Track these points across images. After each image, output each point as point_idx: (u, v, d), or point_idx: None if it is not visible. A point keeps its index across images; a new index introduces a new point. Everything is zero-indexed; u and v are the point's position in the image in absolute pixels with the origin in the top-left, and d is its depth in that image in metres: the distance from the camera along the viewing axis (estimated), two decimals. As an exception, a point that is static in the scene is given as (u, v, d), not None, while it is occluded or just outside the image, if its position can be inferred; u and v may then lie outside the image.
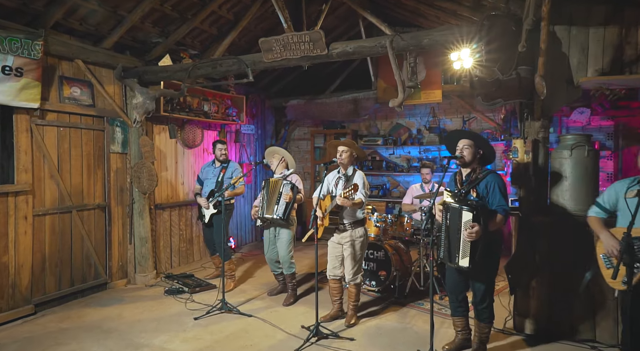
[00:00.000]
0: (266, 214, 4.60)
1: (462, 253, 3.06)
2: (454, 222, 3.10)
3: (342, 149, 3.98)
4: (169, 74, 5.19)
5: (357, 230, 3.95)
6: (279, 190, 4.53)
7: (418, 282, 4.86)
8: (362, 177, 3.94)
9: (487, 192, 3.18)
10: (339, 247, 4.02)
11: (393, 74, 7.80)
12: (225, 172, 5.40)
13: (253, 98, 8.10)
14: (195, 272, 5.83)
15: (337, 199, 3.60)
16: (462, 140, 3.29)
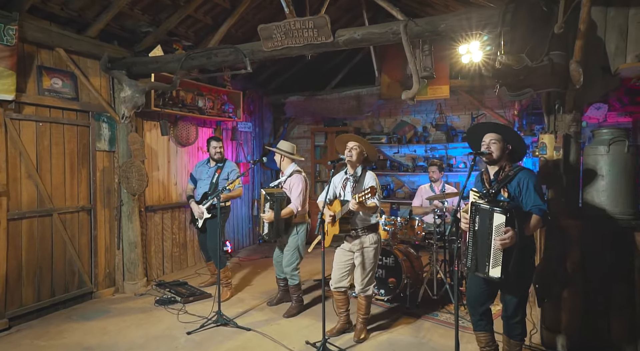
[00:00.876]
0: (260, 230, 4.28)
1: (493, 262, 2.68)
2: (483, 226, 2.71)
3: (352, 145, 3.59)
4: (160, 65, 4.78)
5: (370, 236, 3.57)
6: (264, 204, 4.16)
7: (431, 290, 4.48)
8: (374, 178, 3.56)
9: (520, 191, 2.80)
10: (349, 255, 3.63)
11: (398, 69, 7.56)
12: (220, 172, 5.00)
13: (250, 94, 7.70)
14: (189, 279, 5.43)
15: (350, 204, 3.21)
16: (488, 134, 2.91)
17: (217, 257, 4.79)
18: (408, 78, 7.21)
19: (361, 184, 3.55)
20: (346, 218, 3.49)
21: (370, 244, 3.56)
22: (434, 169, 5.23)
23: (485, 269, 2.72)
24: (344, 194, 3.64)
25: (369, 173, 3.61)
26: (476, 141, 3.01)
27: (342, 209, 3.43)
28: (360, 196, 3.12)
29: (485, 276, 2.74)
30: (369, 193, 3.07)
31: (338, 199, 3.57)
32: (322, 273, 3.34)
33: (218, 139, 5.09)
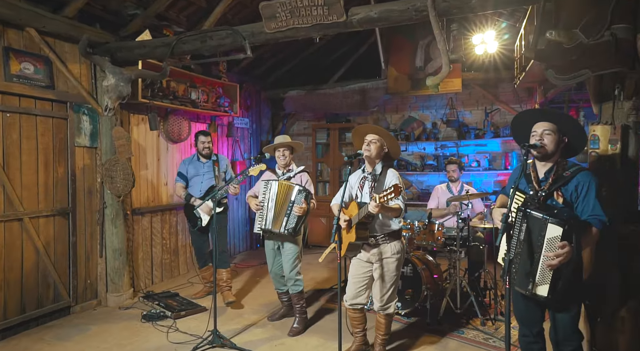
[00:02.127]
0: (273, 227, 3.72)
1: (539, 278, 2.21)
2: (532, 237, 2.24)
3: (371, 138, 3.09)
4: (148, 51, 4.25)
5: (392, 245, 3.06)
6: (291, 199, 3.67)
7: (453, 303, 3.98)
8: (398, 177, 3.06)
9: (578, 196, 2.31)
10: (368, 266, 3.12)
11: (405, 61, 7.06)
12: (218, 166, 4.61)
13: (247, 88, 7.18)
14: (180, 289, 4.89)
15: (369, 207, 2.70)
16: (540, 123, 2.41)
17: (221, 258, 4.46)
18: (417, 71, 6.73)
19: (381, 184, 3.04)
20: (364, 223, 2.98)
21: (392, 254, 3.06)
22: (454, 168, 4.74)
23: (529, 285, 2.25)
24: (361, 196, 3.13)
25: (391, 171, 3.10)
26: (523, 131, 2.52)
27: (359, 212, 2.92)
28: (381, 197, 2.61)
29: (528, 293, 2.26)
30: (392, 193, 2.56)
31: (355, 201, 3.06)
32: (338, 286, 2.83)
33: (207, 133, 4.66)
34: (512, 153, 6.48)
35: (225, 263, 4.49)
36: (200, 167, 4.59)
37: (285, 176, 3.87)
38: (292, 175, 3.87)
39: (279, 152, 3.86)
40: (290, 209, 3.65)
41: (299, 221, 3.68)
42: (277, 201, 3.70)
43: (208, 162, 4.61)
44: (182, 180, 4.61)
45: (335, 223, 2.76)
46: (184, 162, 4.72)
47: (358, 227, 2.96)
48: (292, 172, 3.88)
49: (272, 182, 3.76)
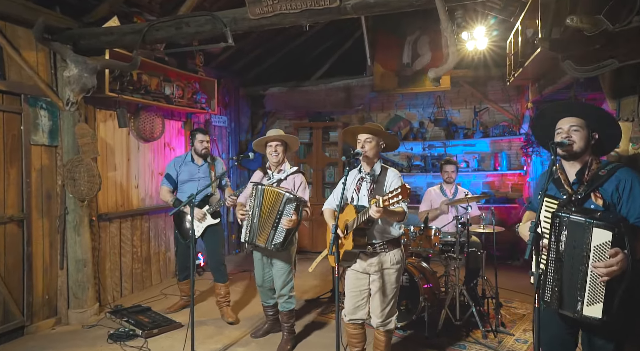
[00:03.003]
0: (257, 241, 3.31)
1: (589, 296, 1.90)
2: (574, 246, 1.93)
3: (365, 137, 2.77)
4: (116, 38, 3.81)
5: (392, 254, 2.74)
6: (279, 209, 3.20)
7: (452, 314, 3.70)
8: (400, 177, 2.74)
9: (620, 196, 2.01)
10: (364, 277, 2.79)
11: (392, 58, 6.76)
12: (215, 170, 4.14)
13: (226, 84, 6.76)
14: (153, 302, 4.45)
15: (371, 211, 2.36)
16: (566, 118, 2.12)
17: (219, 271, 4.01)
18: (404, 68, 6.48)
19: (381, 185, 2.72)
20: (362, 229, 2.64)
21: (392, 264, 2.73)
22: (452, 168, 4.46)
23: (577, 306, 1.94)
24: (358, 198, 2.80)
25: (392, 171, 2.78)
26: (546, 128, 2.23)
27: (357, 217, 2.58)
28: (385, 200, 2.28)
29: (577, 315, 1.94)
30: (398, 195, 2.23)
31: (351, 205, 2.72)
32: (336, 301, 2.48)
33: (205, 131, 4.17)
34: (502, 153, 6.29)
35: (223, 277, 4.02)
36: (195, 170, 4.08)
37: (276, 178, 3.44)
38: (283, 177, 3.45)
39: (271, 147, 3.43)
40: (277, 221, 3.21)
41: (288, 234, 3.24)
42: (263, 210, 3.27)
43: (204, 165, 4.11)
44: (170, 184, 4.08)
45: (333, 231, 2.41)
46: (174, 162, 4.16)
47: (355, 233, 2.63)
48: (284, 173, 3.45)
49: (259, 187, 3.31)
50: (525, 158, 6.16)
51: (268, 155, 3.47)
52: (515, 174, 6.32)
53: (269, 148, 3.44)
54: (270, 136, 3.46)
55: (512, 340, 3.55)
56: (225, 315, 3.97)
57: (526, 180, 6.16)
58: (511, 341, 3.54)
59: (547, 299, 2.04)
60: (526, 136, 6.05)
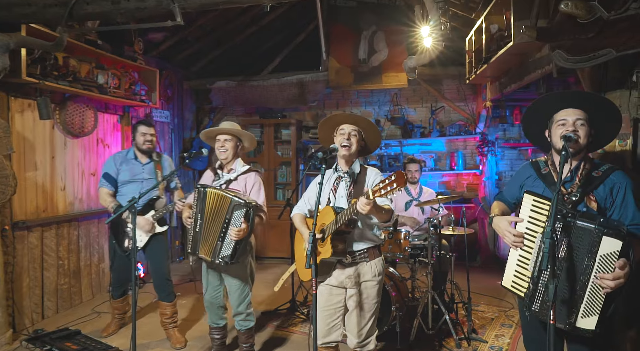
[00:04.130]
0: (201, 253, 2.85)
1: (586, 308, 1.72)
2: (577, 254, 1.74)
3: (349, 129, 2.42)
4: (35, 11, 3.17)
5: (373, 264, 2.42)
6: (225, 216, 2.73)
7: (425, 322, 3.46)
8: (381, 176, 2.43)
9: (614, 201, 1.87)
10: (340, 293, 2.45)
11: (348, 53, 6.48)
12: (161, 169, 3.55)
13: (168, 76, 6.16)
14: (84, 323, 3.83)
15: (359, 204, 2.00)
16: (570, 110, 1.92)
17: (165, 288, 3.46)
18: (360, 64, 6.24)
19: (362, 185, 2.39)
20: (342, 233, 2.30)
21: (372, 276, 2.41)
22: (416, 167, 4.24)
23: (571, 317, 1.74)
24: (335, 200, 2.45)
25: (372, 170, 2.47)
26: (539, 121, 2.03)
27: (337, 217, 2.22)
28: (377, 189, 1.95)
29: (569, 327, 1.76)
30: (394, 182, 1.90)
31: (329, 207, 2.36)
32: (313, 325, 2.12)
33: (150, 124, 3.56)
34: (458, 153, 6.24)
35: (169, 295, 3.47)
36: (139, 169, 3.48)
37: (225, 178, 2.97)
38: (233, 177, 2.98)
39: (219, 142, 2.97)
40: (224, 230, 2.73)
41: (238, 246, 2.75)
42: (206, 217, 2.80)
43: (148, 163, 3.52)
44: (110, 184, 3.43)
45: (311, 240, 2.04)
46: (113, 158, 3.52)
47: (334, 238, 2.28)
48: (235, 173, 3.00)
49: (201, 189, 2.84)
50: (480, 158, 6.14)
51: (216, 151, 3.00)
52: (471, 174, 6.29)
53: (217, 143, 2.98)
54: (220, 127, 2.99)
55: (487, 347, 3.38)
56: (172, 339, 3.45)
57: (482, 180, 6.15)
58: (485, 348, 3.36)
59: (535, 308, 1.83)
60: (482, 136, 6.04)
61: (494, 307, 4.23)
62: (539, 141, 2.10)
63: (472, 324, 3.62)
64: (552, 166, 2.01)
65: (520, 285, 1.90)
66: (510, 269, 1.92)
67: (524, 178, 2.09)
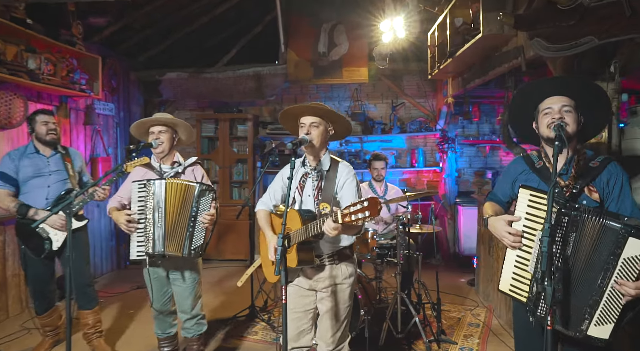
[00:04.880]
0: (167, 249, 2.57)
1: (601, 315, 1.57)
2: (595, 253, 1.59)
3: (310, 121, 2.19)
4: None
5: (344, 266, 2.20)
6: (192, 205, 2.56)
7: (394, 326, 3.30)
8: (354, 175, 2.22)
9: (610, 193, 1.75)
10: (310, 295, 2.22)
11: (308, 46, 6.27)
12: (71, 162, 3.14)
13: (113, 65, 5.65)
14: (11, 342, 3.36)
15: (326, 227, 1.79)
16: (555, 97, 1.80)
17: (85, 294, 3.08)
18: (320, 57, 6.03)
19: (331, 183, 2.17)
20: (309, 243, 2.07)
21: (344, 278, 2.20)
22: (381, 165, 4.08)
23: (582, 324, 1.60)
24: (302, 200, 2.21)
25: (344, 166, 2.24)
26: (526, 109, 1.89)
27: (304, 228, 1.98)
28: (347, 213, 1.72)
29: (579, 335, 1.62)
30: (365, 210, 1.68)
31: (294, 210, 2.11)
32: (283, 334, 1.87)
33: (49, 112, 3.13)
34: (419, 150, 6.18)
35: (91, 301, 3.10)
36: (43, 163, 3.05)
37: (173, 171, 2.73)
38: (181, 170, 2.76)
39: (152, 134, 2.71)
40: (193, 219, 2.57)
41: (208, 234, 2.63)
42: (169, 210, 2.56)
43: (54, 156, 3.10)
44: (9, 185, 2.97)
45: (280, 244, 1.79)
46: (9, 156, 3.05)
47: (301, 248, 2.04)
48: (181, 165, 2.77)
49: (156, 183, 2.58)
50: (440, 155, 6.12)
51: None
52: (431, 171, 6.26)
53: (151, 136, 2.72)
54: (153, 118, 2.74)
55: (457, 348, 3.27)
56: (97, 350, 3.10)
57: (442, 177, 6.12)
58: (456, 350, 3.25)
59: (541, 313, 1.67)
60: (442, 132, 6.01)
61: (459, 306, 4.15)
62: (528, 134, 1.96)
63: (441, 325, 3.50)
64: (546, 159, 1.87)
65: (520, 289, 1.73)
66: (508, 271, 1.76)
67: (517, 173, 1.95)
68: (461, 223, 5.82)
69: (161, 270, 2.70)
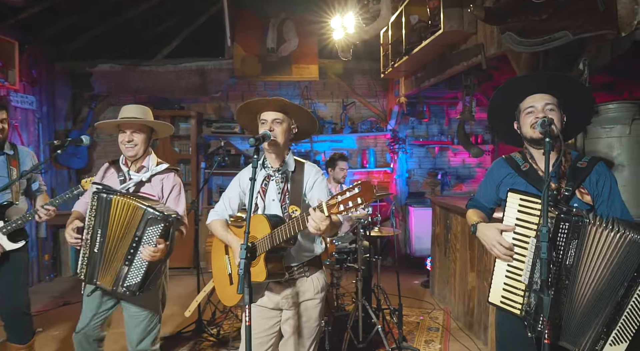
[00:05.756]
0: (100, 280, 2.12)
1: (619, 333, 1.46)
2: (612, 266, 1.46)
3: (273, 117, 1.93)
4: None
5: (315, 279, 1.96)
6: (135, 233, 2.05)
7: (355, 335, 3.11)
8: (323, 176, 2.00)
9: (600, 194, 1.67)
10: (276, 316, 1.96)
11: (256, 40, 5.97)
12: (17, 164, 2.60)
13: (33, 52, 5.02)
14: None
15: (313, 220, 1.55)
16: (538, 95, 1.70)
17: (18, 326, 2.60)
18: (268, 53, 5.75)
19: (299, 186, 1.93)
20: (279, 250, 1.81)
21: (315, 293, 1.95)
22: (345, 165, 3.90)
23: (597, 344, 1.47)
24: (265, 205, 1.94)
25: (310, 167, 2.00)
26: (507, 108, 1.79)
27: (274, 234, 1.73)
28: (334, 204, 1.50)
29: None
30: (358, 196, 1.46)
31: (261, 215, 1.84)
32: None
33: (1, 104, 2.59)
34: (370, 150, 6.09)
35: (25, 335, 2.62)
36: None
37: (134, 180, 2.24)
38: (145, 178, 2.25)
39: (124, 135, 2.21)
40: (133, 251, 2.06)
41: (151, 271, 2.08)
42: (110, 233, 2.09)
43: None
44: None
45: (243, 256, 1.53)
46: None
47: (269, 257, 1.78)
48: (148, 172, 2.26)
49: (103, 196, 2.10)
50: (391, 155, 6.07)
51: (121, 145, 2.24)
52: (382, 172, 6.20)
53: (122, 135, 2.22)
54: (124, 117, 2.23)
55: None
56: None
57: (393, 177, 6.08)
58: (419, 357, 3.13)
59: (542, 328, 1.53)
60: (393, 133, 5.97)
61: (416, 309, 4.07)
62: (510, 135, 1.85)
63: (402, 331, 3.37)
64: (532, 160, 1.75)
65: (514, 300, 1.58)
66: (498, 282, 1.61)
67: (501, 176, 1.81)
68: (412, 224, 5.80)
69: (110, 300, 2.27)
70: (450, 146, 6.13)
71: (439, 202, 4.33)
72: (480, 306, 3.32)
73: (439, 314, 3.93)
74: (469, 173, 6.26)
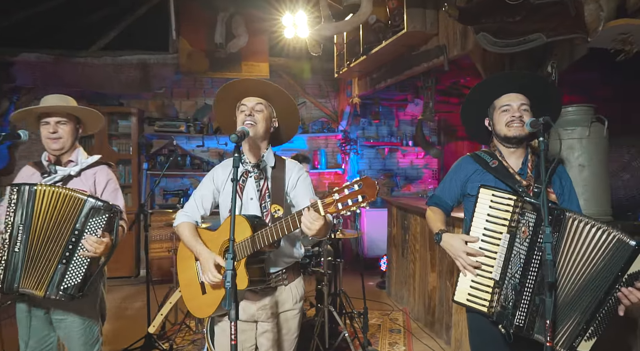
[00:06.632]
0: (24, 285, 1.83)
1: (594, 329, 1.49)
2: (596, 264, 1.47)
3: (254, 102, 1.78)
4: None
5: (293, 287, 1.82)
6: (75, 225, 1.80)
7: (322, 342, 3.00)
8: (307, 173, 1.86)
9: (562, 192, 1.76)
10: (250, 330, 1.79)
11: (202, 35, 5.68)
12: None
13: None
14: None
15: (305, 223, 1.41)
16: (513, 95, 1.75)
17: None
18: (216, 49, 5.49)
19: (280, 183, 1.78)
20: (261, 254, 1.66)
21: (294, 303, 1.82)
22: (307, 167, 3.77)
23: (576, 340, 1.49)
24: (242, 204, 1.77)
25: (291, 163, 1.86)
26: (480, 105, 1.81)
27: (258, 236, 1.57)
28: (331, 202, 1.38)
29: None
30: (359, 193, 1.34)
31: (240, 216, 1.67)
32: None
33: None
34: (321, 151, 6.03)
35: None
36: None
37: (61, 174, 1.97)
38: (75, 172, 1.99)
39: (48, 126, 1.95)
40: (71, 247, 1.81)
41: (93, 270, 1.86)
42: (37, 229, 1.81)
43: None
44: None
45: (230, 268, 1.36)
46: None
47: (251, 262, 1.62)
48: (77, 166, 2.01)
49: (25, 188, 1.84)
50: (342, 156, 6.05)
51: (44, 139, 1.98)
52: (332, 173, 6.15)
53: (45, 127, 1.96)
54: (49, 105, 1.97)
55: (386, 359, 3.11)
56: None
57: (344, 178, 6.06)
58: (385, 361, 3.09)
59: (519, 323, 1.53)
60: (344, 134, 5.94)
61: (375, 311, 4.04)
62: (477, 131, 1.88)
63: (367, 335, 3.31)
64: (501, 157, 1.77)
65: (481, 298, 1.59)
66: (465, 280, 1.60)
67: (468, 173, 1.82)
68: (364, 225, 5.80)
69: (39, 310, 1.97)
70: (400, 147, 6.23)
71: (396, 202, 4.34)
72: (442, 306, 3.35)
73: (398, 315, 3.93)
74: (417, 174, 6.40)
